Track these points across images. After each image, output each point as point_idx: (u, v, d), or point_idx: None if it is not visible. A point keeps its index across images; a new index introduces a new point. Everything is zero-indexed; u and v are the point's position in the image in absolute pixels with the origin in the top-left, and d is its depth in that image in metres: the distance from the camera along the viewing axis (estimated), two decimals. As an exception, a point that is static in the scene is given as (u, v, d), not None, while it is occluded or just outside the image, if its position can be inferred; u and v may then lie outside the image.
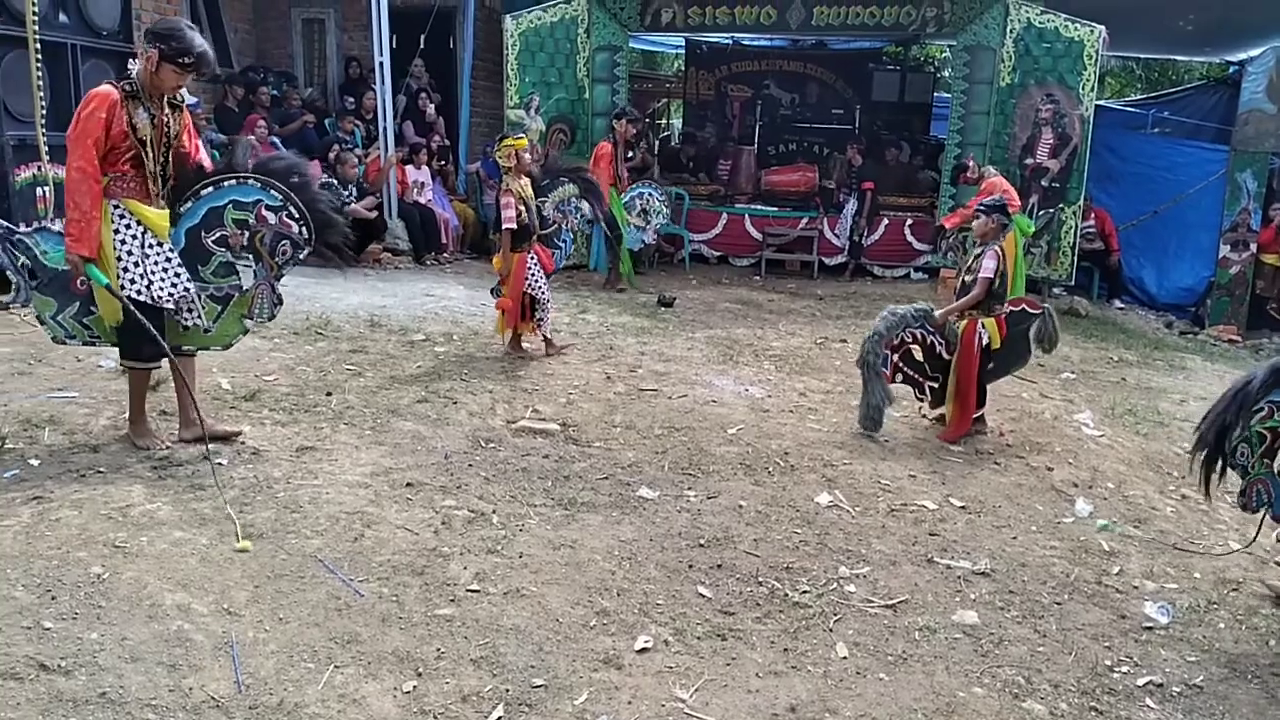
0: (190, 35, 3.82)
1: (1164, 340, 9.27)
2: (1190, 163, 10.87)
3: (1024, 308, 5.16)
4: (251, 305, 4.21)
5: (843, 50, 13.54)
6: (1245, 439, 3.41)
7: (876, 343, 5.08)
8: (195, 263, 4.03)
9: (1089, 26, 9.33)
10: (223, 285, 4.10)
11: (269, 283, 4.19)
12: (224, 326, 4.21)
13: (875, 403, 5.08)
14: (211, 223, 4.03)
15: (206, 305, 4.11)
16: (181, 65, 3.79)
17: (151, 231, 3.91)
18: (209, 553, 3.25)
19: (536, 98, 10.05)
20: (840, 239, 10.61)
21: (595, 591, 3.27)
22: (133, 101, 3.79)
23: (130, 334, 3.97)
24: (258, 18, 11.83)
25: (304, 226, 4.11)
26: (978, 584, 3.60)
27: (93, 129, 3.71)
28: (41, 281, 3.98)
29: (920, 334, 5.19)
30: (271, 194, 4.06)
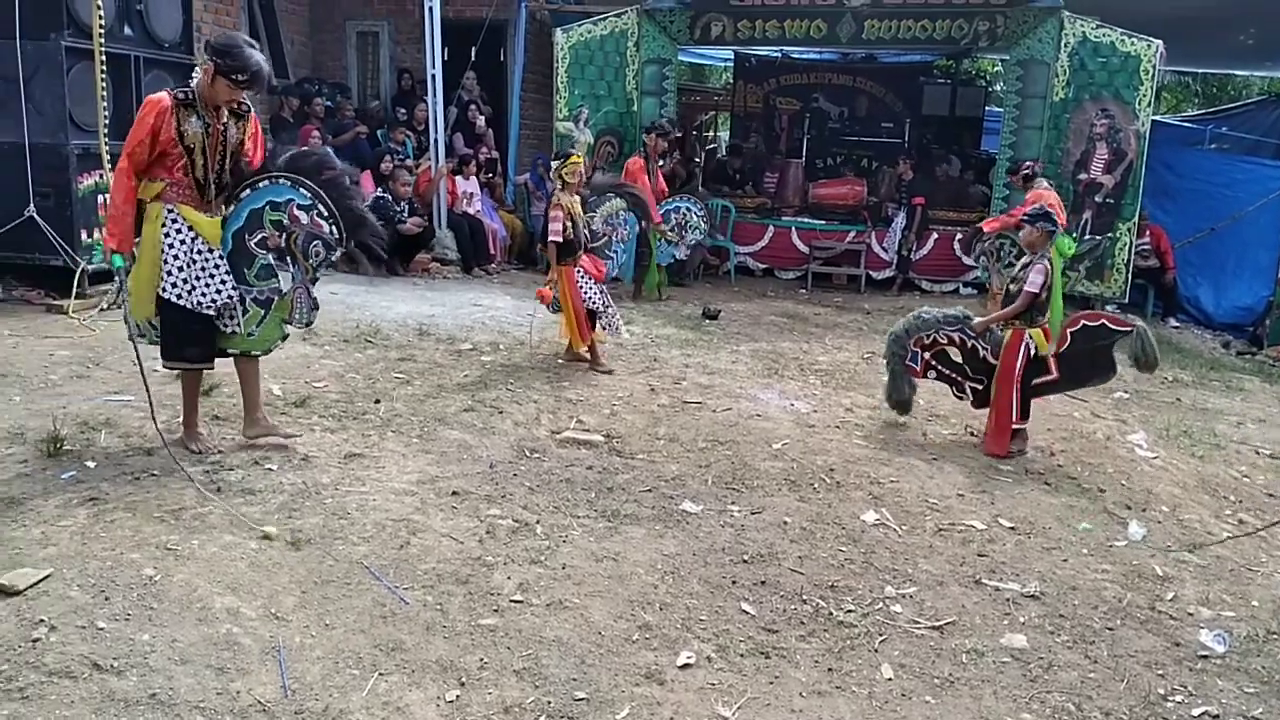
0: (248, 53, 3.88)
1: (1220, 360, 9.04)
2: (1249, 180, 10.62)
3: (1104, 323, 5.04)
4: (291, 310, 4.19)
5: (893, 64, 13.46)
6: None
7: (895, 342, 5.32)
8: (241, 265, 4.06)
9: (1146, 41, 9.17)
10: (264, 289, 4.10)
11: (305, 286, 4.15)
12: (266, 331, 4.19)
13: (899, 396, 5.38)
14: (253, 225, 4.05)
15: (251, 309, 4.11)
16: (235, 81, 3.87)
17: (202, 238, 3.96)
18: (258, 557, 3.30)
19: (585, 110, 10.11)
20: (888, 253, 10.52)
21: (638, 605, 3.26)
22: (185, 109, 3.87)
23: (171, 336, 4.03)
24: (313, 30, 12.05)
25: (334, 226, 4.07)
26: (1027, 607, 3.53)
27: (139, 132, 3.81)
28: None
29: (957, 336, 5.23)
30: (301, 192, 4.04)
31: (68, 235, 6.49)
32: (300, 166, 4.09)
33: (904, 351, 5.30)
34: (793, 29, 10.10)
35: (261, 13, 10.65)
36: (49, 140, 6.42)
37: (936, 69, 13.94)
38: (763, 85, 13.82)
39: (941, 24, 9.74)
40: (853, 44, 10.40)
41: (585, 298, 6.09)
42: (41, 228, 6.42)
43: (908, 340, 5.31)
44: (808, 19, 9.96)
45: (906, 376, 5.35)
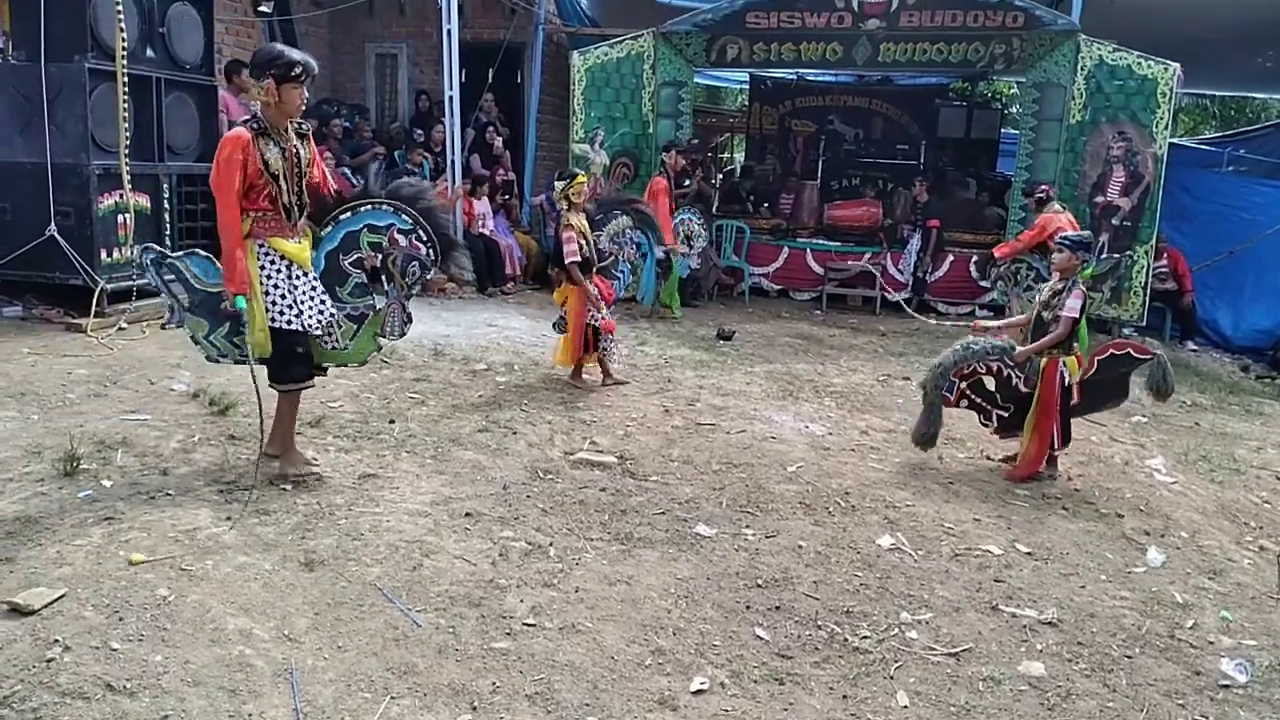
0: (286, 50, 4.02)
1: (1240, 384, 8.96)
2: (1268, 203, 10.55)
3: (1129, 351, 5.04)
4: (384, 324, 4.37)
5: (908, 86, 13.49)
6: None
7: (942, 375, 5.10)
8: (334, 284, 4.19)
9: (1163, 64, 9.15)
10: (359, 305, 4.28)
11: (400, 302, 4.36)
12: (360, 344, 4.38)
13: (930, 430, 5.15)
14: (349, 246, 4.20)
15: (344, 325, 4.27)
16: (297, 78, 3.93)
17: (296, 264, 4.06)
18: (272, 578, 3.30)
19: (601, 132, 10.16)
20: (904, 275, 10.51)
21: (651, 629, 3.24)
22: (263, 139, 3.91)
23: (280, 359, 4.10)
24: (333, 52, 12.18)
25: (431, 249, 4.29)
26: (1044, 634, 3.49)
27: (232, 172, 3.84)
28: (194, 303, 4.11)
29: (996, 365, 5.12)
30: (403, 218, 4.24)
31: (88, 254, 6.55)
32: (402, 195, 4.28)
33: (945, 383, 5.12)
34: (808, 52, 10.14)
35: (281, 34, 10.76)
36: (70, 160, 6.50)
37: (952, 91, 13.97)
38: (778, 107, 13.87)
39: (958, 47, 9.76)
40: (868, 67, 10.44)
41: (594, 317, 6.10)
42: (62, 247, 6.48)
43: (953, 371, 5.13)
44: (824, 42, 10.00)
45: (941, 412, 5.14)
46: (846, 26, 9.79)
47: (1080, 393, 5.06)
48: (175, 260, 4.07)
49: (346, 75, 12.25)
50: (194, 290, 4.08)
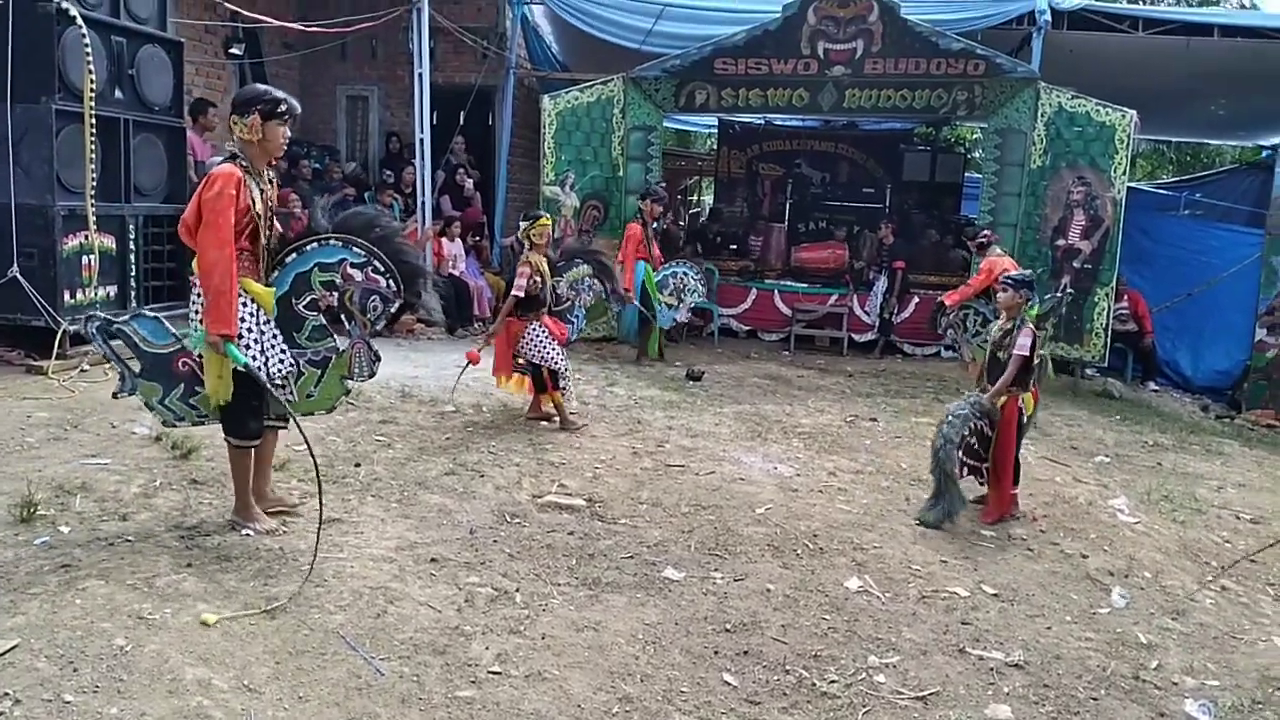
0: (272, 89, 3.96)
1: (1200, 424, 9.11)
2: (1224, 246, 10.82)
3: None
4: (350, 365, 4.19)
5: (873, 131, 13.72)
6: None
7: (950, 449, 4.94)
8: (290, 329, 4.03)
9: (1120, 111, 9.38)
10: (319, 349, 4.09)
11: (364, 340, 4.18)
12: (326, 390, 4.18)
13: (953, 509, 4.99)
14: (300, 288, 4.02)
15: (306, 371, 4.09)
16: (280, 116, 3.88)
17: (263, 309, 3.93)
18: (232, 626, 3.24)
19: (572, 175, 10.23)
20: (870, 316, 10.62)
21: (618, 676, 3.22)
22: (249, 176, 3.84)
23: (237, 411, 3.94)
24: (304, 94, 12.19)
25: (391, 279, 4.07)
26: (1011, 676, 3.50)
27: (225, 207, 3.70)
28: (144, 368, 3.94)
29: (975, 424, 5.12)
30: (354, 251, 4.04)
31: (51, 296, 6.47)
32: (351, 226, 4.09)
33: (955, 458, 4.95)
34: (775, 97, 10.30)
35: (252, 76, 10.79)
36: (35, 201, 6.44)
37: (916, 136, 14.22)
38: (746, 151, 14.05)
39: (921, 93, 9.96)
40: (834, 112, 10.60)
41: (546, 357, 6.13)
42: (24, 288, 6.41)
43: (958, 444, 4.97)
44: (790, 88, 10.16)
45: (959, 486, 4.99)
46: (812, 73, 9.97)
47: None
48: (122, 325, 3.91)
49: (317, 117, 12.28)
50: (145, 354, 3.91)
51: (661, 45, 10.53)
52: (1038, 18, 9.89)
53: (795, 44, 9.88)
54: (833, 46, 9.83)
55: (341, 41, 10.99)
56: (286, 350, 4.01)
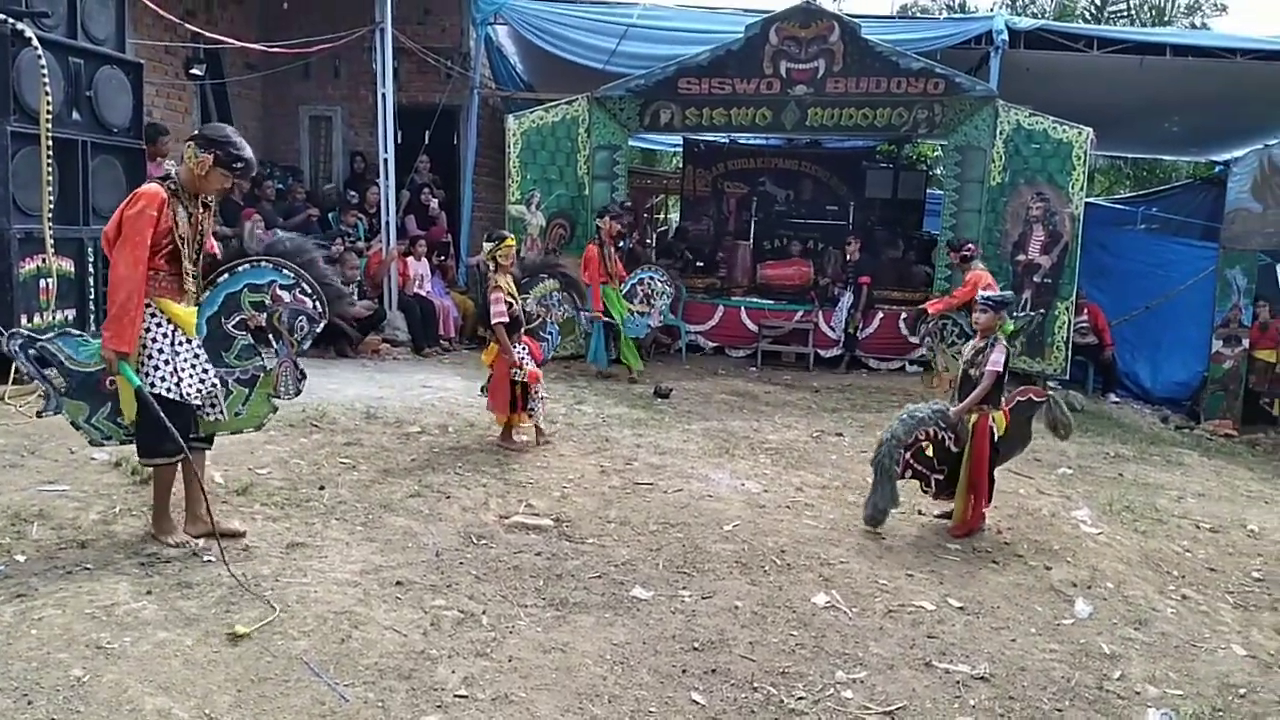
0: (241, 142, 4.00)
1: (1160, 435, 9.26)
2: (1180, 259, 11.05)
3: (1030, 397, 5.26)
4: (277, 383, 4.29)
5: (837, 149, 13.88)
6: None
7: (894, 446, 5.04)
8: (219, 349, 4.10)
9: (1077, 128, 9.57)
10: (248, 368, 4.19)
11: (291, 359, 4.28)
12: (254, 408, 4.27)
13: (883, 505, 5.08)
14: (230, 308, 4.11)
15: (235, 389, 4.17)
16: (232, 170, 3.95)
17: (181, 329, 3.97)
18: (193, 654, 3.19)
19: (537, 194, 10.25)
20: (835, 332, 10.71)
21: (586, 698, 3.20)
22: (175, 200, 3.87)
23: (149, 431, 3.94)
24: (266, 114, 12.15)
25: (317, 301, 4.22)
26: (977, 689, 3.52)
27: (144, 226, 3.75)
28: (71, 386, 3.95)
29: (933, 430, 5.18)
30: (284, 274, 4.16)
31: (7, 320, 6.34)
32: (280, 251, 4.21)
33: (896, 455, 5.04)
34: (739, 116, 10.40)
35: (214, 96, 10.72)
36: (-10, 225, 6.33)
37: (879, 154, 14.40)
38: (711, 169, 14.16)
39: (882, 112, 10.09)
40: (797, 130, 10.72)
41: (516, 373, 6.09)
42: (-21, 313, 6.29)
43: (903, 443, 5.07)
44: (753, 107, 10.27)
45: (893, 484, 5.07)
46: (775, 92, 10.08)
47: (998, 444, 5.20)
48: (47, 344, 3.90)
49: (280, 137, 12.21)
50: (70, 373, 3.93)
51: (625, 65, 10.61)
52: (995, 37, 10.10)
53: (758, 64, 9.99)
54: (795, 66, 9.95)
55: (304, 62, 10.94)
56: (210, 373, 4.04)
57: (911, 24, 11.30)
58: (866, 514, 5.12)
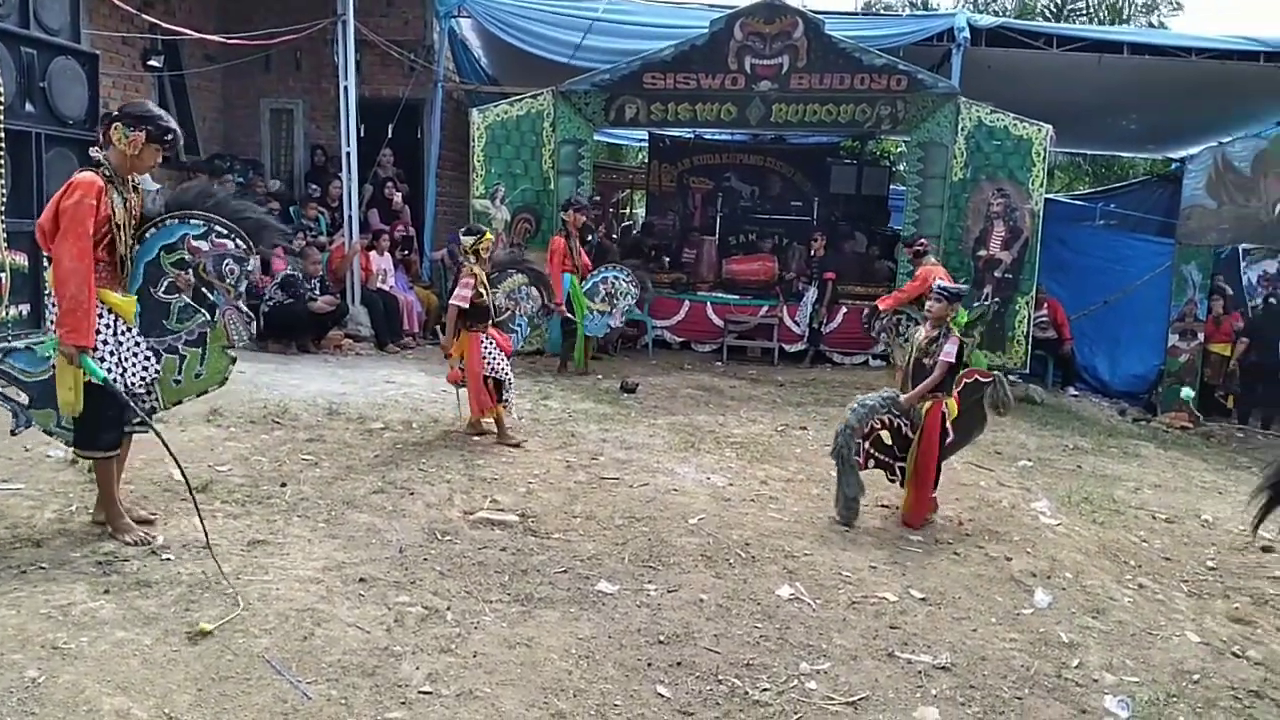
0: (166, 114, 3.99)
1: (1118, 427, 9.41)
2: (1137, 255, 11.23)
3: (976, 378, 5.33)
4: (228, 333, 4.23)
5: (801, 145, 13.96)
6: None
7: (850, 435, 5.13)
8: (159, 319, 4.04)
9: (1037, 125, 9.69)
10: (192, 328, 4.12)
11: (233, 306, 4.24)
12: (212, 365, 4.21)
13: (851, 494, 5.13)
14: (153, 276, 4.05)
15: (188, 353, 4.11)
16: (164, 143, 3.92)
17: (122, 319, 3.93)
18: (152, 653, 3.15)
19: (502, 188, 10.20)
20: (800, 327, 10.77)
21: (551, 692, 3.20)
22: (110, 186, 3.82)
23: (91, 424, 3.92)
24: (226, 107, 11.98)
25: (237, 239, 4.12)
26: (938, 679, 3.57)
27: (84, 216, 3.70)
28: (33, 398, 3.92)
29: (887, 418, 5.26)
30: (193, 224, 4.07)
31: (-41, 316, 6.23)
32: (183, 201, 4.13)
33: (855, 444, 5.14)
34: (704, 111, 10.42)
35: (172, 89, 10.55)
36: (-59, 218, 6.19)
37: (843, 150, 14.48)
38: (677, 164, 14.16)
39: (846, 108, 10.15)
40: (762, 126, 10.76)
41: (495, 368, 6.09)
42: (-70, 308, 6.15)
43: (859, 432, 5.16)
44: (718, 102, 10.29)
45: (856, 472, 5.14)
46: (740, 88, 10.11)
47: (954, 429, 5.28)
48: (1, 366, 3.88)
49: (241, 130, 12.05)
50: (29, 385, 3.91)
51: (590, 60, 10.58)
52: (957, 35, 10.19)
53: (723, 59, 10.01)
54: (759, 62, 9.99)
55: (265, 54, 10.80)
56: (151, 360, 4.03)
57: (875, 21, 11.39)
58: (839, 508, 5.16)
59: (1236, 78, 10.66)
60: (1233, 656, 4.06)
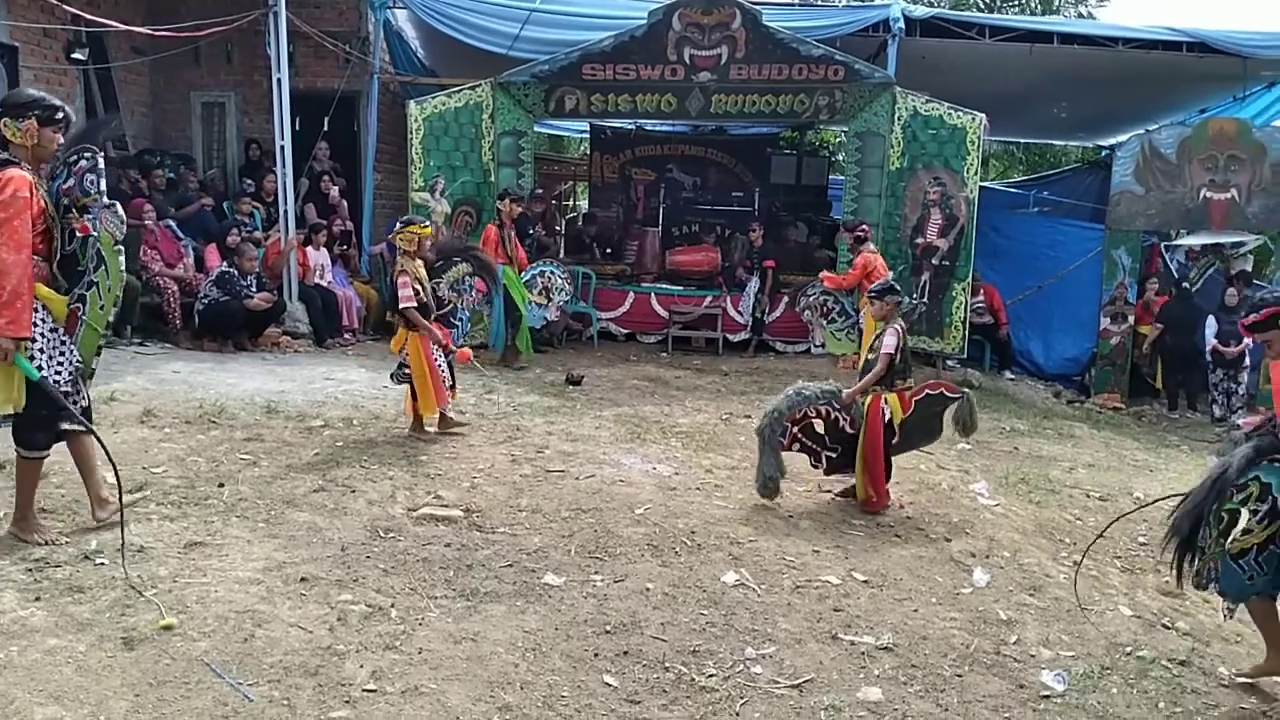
0: (45, 94, 3.91)
1: (1053, 409, 9.64)
2: (1070, 240, 11.48)
3: (942, 391, 5.36)
4: (110, 234, 3.99)
5: (741, 135, 14.02)
6: (1207, 521, 3.54)
7: (777, 420, 5.24)
8: (75, 269, 3.92)
9: (970, 114, 9.85)
10: (93, 255, 3.94)
11: (101, 209, 3.99)
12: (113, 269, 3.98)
13: (769, 474, 5.24)
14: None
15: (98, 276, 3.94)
16: (57, 123, 3.83)
17: (53, 316, 3.86)
18: (86, 660, 3.07)
19: (442, 181, 10.10)
20: (743, 316, 10.84)
21: (497, 686, 3.19)
22: (36, 179, 3.76)
23: (28, 421, 3.85)
24: (155, 101, 11.67)
25: (83, 153, 3.96)
26: (881, 659, 3.62)
27: (22, 209, 3.64)
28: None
29: (825, 409, 5.32)
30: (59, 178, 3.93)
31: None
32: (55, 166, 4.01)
33: (780, 428, 5.25)
34: (644, 102, 10.41)
35: (98, 82, 10.25)
36: None
37: (783, 140, 14.59)
38: (618, 156, 14.15)
39: (784, 99, 10.22)
40: (702, 117, 10.79)
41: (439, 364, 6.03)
42: None
43: (786, 416, 5.27)
44: (658, 93, 10.29)
45: (776, 453, 5.25)
46: (679, 79, 10.12)
47: (899, 431, 5.32)
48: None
49: (171, 124, 11.75)
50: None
51: (529, 51, 10.51)
52: (892, 25, 10.31)
53: (662, 50, 10.02)
54: (698, 53, 10.00)
55: (194, 46, 10.54)
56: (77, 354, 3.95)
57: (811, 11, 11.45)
58: (757, 485, 5.27)
59: (1162, 67, 10.96)
60: (1163, 628, 4.20)
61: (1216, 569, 3.60)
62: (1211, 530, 3.56)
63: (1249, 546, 3.55)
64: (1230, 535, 3.55)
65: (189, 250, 9.35)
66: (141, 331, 8.51)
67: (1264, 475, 3.53)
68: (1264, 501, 3.51)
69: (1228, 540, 3.56)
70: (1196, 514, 3.58)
